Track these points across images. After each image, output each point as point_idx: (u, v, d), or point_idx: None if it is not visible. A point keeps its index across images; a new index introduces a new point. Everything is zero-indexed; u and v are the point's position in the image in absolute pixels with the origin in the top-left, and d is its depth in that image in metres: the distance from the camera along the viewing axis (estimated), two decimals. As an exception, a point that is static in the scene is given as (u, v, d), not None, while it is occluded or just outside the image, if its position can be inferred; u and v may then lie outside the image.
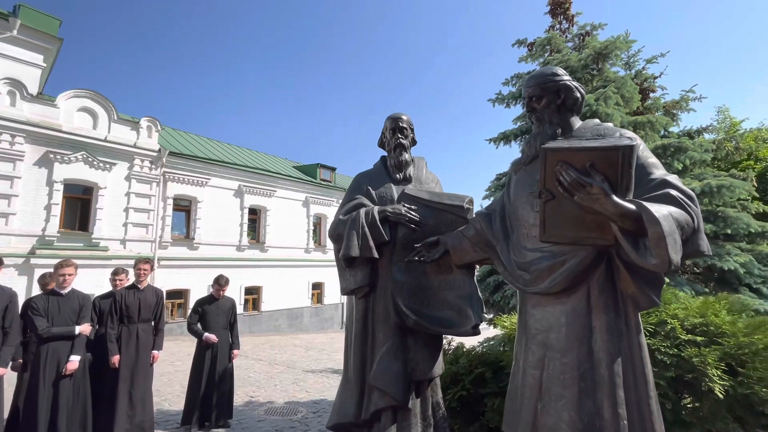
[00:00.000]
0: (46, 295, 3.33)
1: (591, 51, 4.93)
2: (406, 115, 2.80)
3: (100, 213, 11.70)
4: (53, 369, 3.16)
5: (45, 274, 3.63)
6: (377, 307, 2.52)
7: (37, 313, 3.18)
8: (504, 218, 2.10)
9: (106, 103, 12.12)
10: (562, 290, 1.70)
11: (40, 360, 3.13)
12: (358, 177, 2.83)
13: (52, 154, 10.90)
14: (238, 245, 15.44)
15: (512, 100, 5.77)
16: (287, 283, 16.97)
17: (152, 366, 3.92)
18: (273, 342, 12.12)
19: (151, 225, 12.82)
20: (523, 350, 1.86)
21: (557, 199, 1.62)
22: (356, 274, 2.53)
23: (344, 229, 2.50)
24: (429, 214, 2.53)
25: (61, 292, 3.36)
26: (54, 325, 3.23)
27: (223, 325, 4.33)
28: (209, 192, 14.75)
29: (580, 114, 1.99)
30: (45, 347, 3.17)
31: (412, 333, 2.44)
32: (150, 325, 3.92)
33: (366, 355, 2.53)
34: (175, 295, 13.39)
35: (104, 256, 11.29)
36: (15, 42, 10.55)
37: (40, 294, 3.41)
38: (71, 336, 3.26)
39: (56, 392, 3.15)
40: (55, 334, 3.18)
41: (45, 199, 10.75)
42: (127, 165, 12.48)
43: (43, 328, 3.14)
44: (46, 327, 3.16)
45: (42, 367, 3.12)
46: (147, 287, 4.02)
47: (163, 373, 7.11)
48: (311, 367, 8.16)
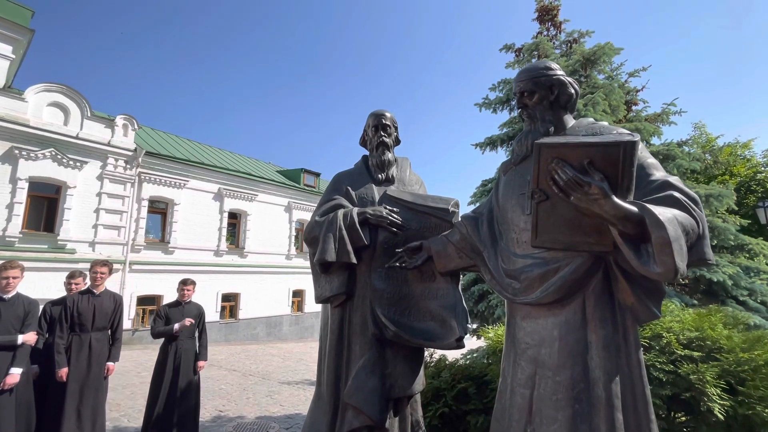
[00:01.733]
0: (-14, 301, 2.99)
1: (579, 57, 4.93)
2: (390, 112, 2.64)
3: (68, 213, 11.11)
4: (-11, 383, 2.82)
5: None
6: (354, 317, 2.32)
7: (-27, 319, 2.84)
8: (492, 222, 1.95)
9: (79, 99, 11.60)
10: (555, 301, 1.54)
11: (-26, 373, 2.78)
12: (338, 176, 2.64)
13: (17, 150, 10.32)
14: (216, 250, 14.94)
15: (499, 106, 5.72)
16: (266, 290, 16.49)
17: (106, 379, 3.58)
18: (249, 351, 11.67)
19: (124, 227, 12.26)
20: (512, 366, 1.69)
21: (551, 200, 1.47)
22: (332, 281, 2.33)
23: (320, 231, 2.31)
24: (412, 218, 2.37)
25: (3, 297, 3.03)
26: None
27: (189, 333, 4.02)
28: (187, 194, 14.26)
29: (574, 112, 1.87)
30: (-19, 358, 2.83)
31: (391, 345, 2.25)
32: (105, 334, 3.59)
33: (341, 370, 2.32)
34: (147, 301, 12.79)
35: (70, 259, 10.68)
36: (-19, 31, 10.01)
37: (-20, 299, 3.06)
38: (13, 346, 2.92)
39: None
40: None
41: (7, 197, 10.13)
42: (100, 164, 11.94)
43: (-21, 337, 2.80)
44: (-18, 336, 2.82)
45: (-24, 382, 2.77)
46: (103, 292, 3.69)
47: (126, 385, 6.67)
48: (287, 379, 7.82)
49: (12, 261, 3.20)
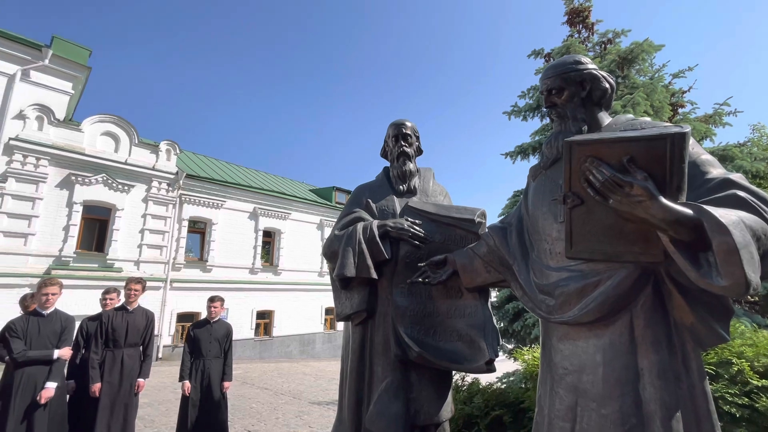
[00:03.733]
0: (27, 316, 3.14)
1: (614, 56, 4.64)
2: (411, 122, 2.55)
3: (116, 234, 11.83)
4: (27, 396, 2.92)
5: (26, 295, 3.45)
6: (376, 336, 2.20)
7: (14, 335, 2.98)
8: (522, 233, 1.78)
9: (128, 128, 12.51)
10: (597, 320, 1.35)
11: (13, 386, 2.90)
12: (358, 189, 2.57)
13: (74, 176, 11.20)
14: (252, 268, 15.31)
15: (529, 113, 5.50)
16: (300, 307, 16.63)
17: (137, 396, 3.63)
18: (282, 369, 11.67)
19: (166, 246, 12.86)
20: (548, 395, 1.49)
21: (586, 205, 1.30)
22: (352, 298, 2.23)
23: (339, 245, 2.22)
24: (435, 230, 2.23)
25: (42, 312, 3.16)
26: (32, 348, 3.01)
27: (216, 353, 4.01)
28: (224, 214, 14.82)
29: (609, 108, 1.69)
30: (20, 372, 2.94)
31: (415, 368, 2.09)
32: (137, 350, 3.66)
33: (362, 393, 2.18)
34: (186, 318, 13.22)
35: (117, 277, 11.29)
36: (46, 71, 11.10)
37: (21, 315, 3.22)
38: (49, 360, 3.03)
39: (29, 422, 2.89)
40: (31, 358, 2.96)
41: (64, 220, 10.96)
42: (145, 187, 12.70)
43: (18, 351, 2.92)
44: (22, 350, 2.94)
45: (14, 394, 2.87)
46: (137, 309, 3.79)
47: (162, 401, 6.79)
48: (318, 399, 7.69)
49: (52, 278, 3.35)
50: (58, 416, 3.08)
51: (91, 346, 3.45)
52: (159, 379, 8.33)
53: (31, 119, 10.65)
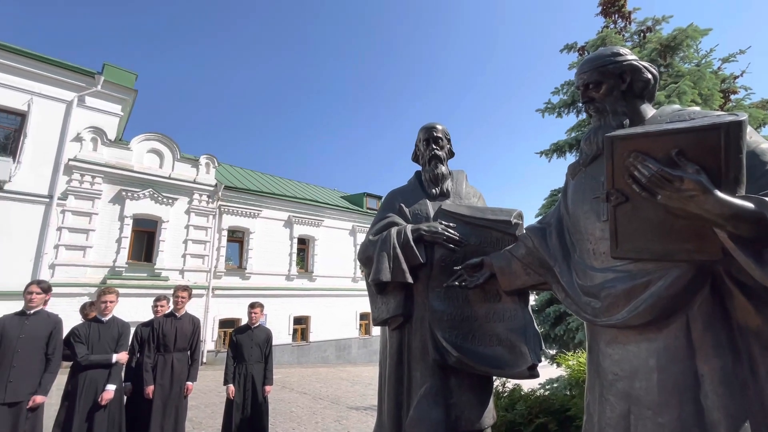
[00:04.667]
0: (89, 323, 3.40)
1: (656, 45, 4.36)
2: (441, 125, 2.54)
3: (162, 245, 12.55)
4: (90, 398, 3.15)
5: (85, 303, 3.73)
6: (413, 340, 2.19)
7: (78, 340, 3.23)
8: (562, 233, 1.72)
9: (170, 144, 13.28)
10: (648, 322, 1.27)
11: (77, 388, 3.13)
12: (391, 194, 2.58)
13: (124, 192, 12.01)
14: (288, 274, 15.71)
15: (564, 109, 5.30)
16: (335, 312, 16.86)
17: (186, 398, 3.81)
18: (320, 374, 11.85)
19: (207, 256, 13.48)
20: (598, 402, 1.42)
21: (632, 202, 1.24)
22: (388, 302, 2.23)
23: (374, 250, 2.24)
24: (470, 232, 2.20)
25: (102, 319, 3.41)
26: (93, 353, 3.25)
27: (257, 357, 4.15)
28: (261, 223, 15.34)
29: (653, 100, 1.61)
30: (83, 375, 3.18)
31: (455, 373, 2.06)
32: (186, 354, 3.86)
33: (402, 397, 2.17)
34: (228, 324, 13.75)
35: (164, 285, 11.94)
36: (98, 95, 12.03)
37: (83, 322, 3.49)
38: (108, 364, 3.25)
39: (91, 422, 3.11)
40: (93, 361, 3.20)
41: (116, 232, 11.76)
42: (187, 199, 13.40)
43: (82, 355, 3.17)
44: (84, 354, 3.18)
45: (79, 396, 3.11)
46: (184, 315, 4.00)
47: (208, 404, 7.08)
48: (356, 404, 7.73)
49: (109, 287, 3.61)
50: (117, 417, 3.30)
51: (145, 351, 3.68)
52: (204, 382, 8.70)
53: (87, 141, 11.56)
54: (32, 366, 2.99)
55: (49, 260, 10.58)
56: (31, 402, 2.95)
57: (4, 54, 10.63)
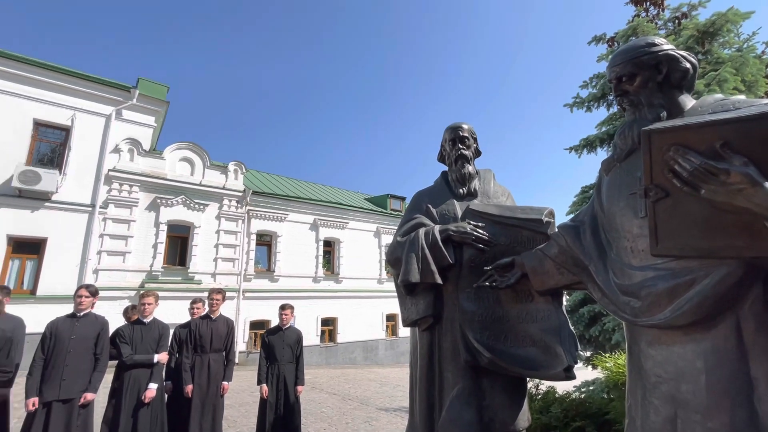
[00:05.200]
0: (132, 324, 3.58)
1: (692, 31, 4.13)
2: (467, 124, 2.52)
3: (195, 249, 13.03)
4: (134, 396, 3.32)
5: (127, 307, 3.94)
6: (444, 341, 2.18)
7: (123, 340, 3.42)
8: (596, 231, 1.68)
9: (201, 152, 13.78)
10: (694, 322, 1.22)
11: (122, 386, 3.31)
12: (417, 195, 2.58)
13: (159, 199, 12.57)
14: (314, 277, 15.96)
15: (594, 103, 5.11)
16: (361, 314, 16.97)
17: (222, 397, 3.95)
18: (348, 375, 11.95)
19: (237, 259, 13.89)
20: (641, 405, 1.37)
21: (672, 197, 1.19)
22: (418, 303, 2.24)
23: (402, 251, 2.25)
24: (500, 232, 2.17)
25: (144, 321, 3.59)
26: (137, 353, 3.42)
27: (289, 358, 4.24)
28: (287, 227, 15.66)
29: (692, 90, 1.54)
30: (128, 374, 3.36)
31: (487, 374, 2.04)
32: (221, 355, 4.00)
33: (433, 399, 2.17)
34: (258, 326, 14.10)
35: (197, 288, 12.40)
36: (134, 108, 12.66)
37: (126, 323, 3.68)
38: (150, 364, 3.42)
39: (135, 419, 3.28)
40: (136, 361, 3.37)
41: (153, 238, 12.31)
42: (217, 205, 13.86)
43: (127, 355, 3.34)
44: (129, 354, 3.36)
45: (124, 394, 3.29)
46: (219, 317, 4.14)
47: (241, 403, 7.29)
48: (385, 405, 7.75)
49: (149, 291, 3.80)
50: (159, 414, 3.47)
51: (183, 351, 3.84)
52: (237, 383, 8.95)
53: (124, 152, 12.18)
54: (83, 365, 3.19)
55: (93, 266, 11.20)
56: (83, 399, 3.15)
57: (50, 73, 11.37)
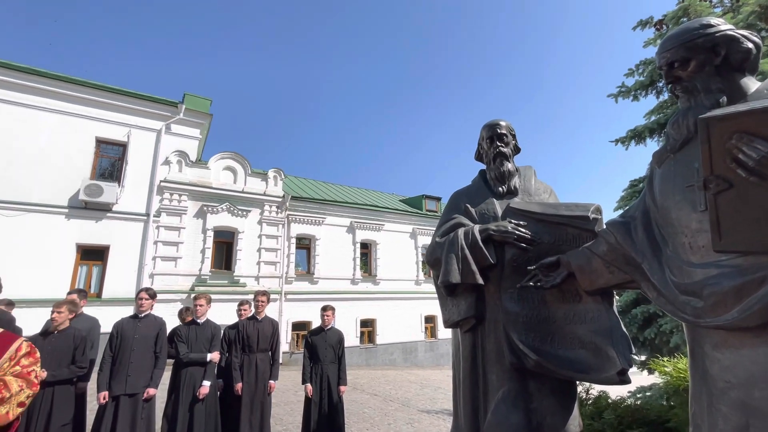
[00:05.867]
0: (187, 325, 3.83)
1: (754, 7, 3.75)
2: (505, 121, 2.47)
3: (239, 254, 13.65)
4: (190, 392, 3.54)
5: (182, 308, 4.21)
6: (487, 342, 2.14)
7: (180, 339, 3.66)
8: (649, 226, 1.59)
9: (242, 161, 14.43)
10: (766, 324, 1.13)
11: (180, 383, 3.54)
12: (455, 195, 2.56)
13: (205, 207, 13.29)
14: (352, 278, 16.19)
15: (641, 91, 4.78)
16: (400, 315, 16.99)
17: (269, 395, 4.10)
18: (388, 376, 12.00)
19: (279, 262, 14.38)
20: (707, 412, 1.28)
21: (737, 189, 1.12)
22: (459, 304, 2.21)
23: (442, 252, 2.23)
24: (543, 230, 2.11)
25: (198, 321, 3.82)
26: (192, 352, 3.65)
27: (331, 358, 4.33)
28: (325, 230, 16.01)
29: (756, 71, 1.42)
30: (184, 371, 3.59)
31: (534, 377, 1.98)
32: (267, 354, 4.17)
33: (478, 401, 2.14)
34: (300, 327, 14.51)
35: (242, 291, 12.96)
36: (181, 122, 13.49)
37: (182, 324, 3.94)
38: (204, 362, 3.63)
39: (192, 414, 3.49)
40: (192, 359, 3.59)
41: (200, 244, 13.03)
42: (259, 211, 14.44)
43: (183, 353, 3.57)
44: (185, 352, 3.59)
45: (181, 389, 3.51)
46: (264, 318, 4.32)
47: (286, 402, 7.53)
48: (426, 407, 7.71)
49: (204, 294, 4.04)
50: (213, 410, 3.67)
51: (232, 351, 4.04)
52: (282, 382, 9.24)
53: (174, 163, 13.01)
54: (145, 362, 3.45)
55: (149, 270, 12.04)
56: (146, 394, 3.40)
57: (108, 94, 12.39)
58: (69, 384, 3.19)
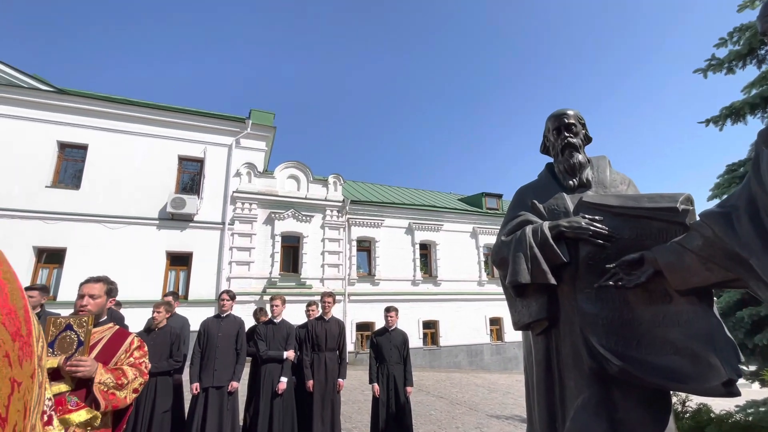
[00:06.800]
0: (265, 324, 4.12)
1: None
2: (573, 110, 2.32)
3: (305, 257, 14.35)
4: (269, 387, 3.79)
5: (256, 309, 4.52)
6: (563, 346, 2.02)
7: (260, 337, 3.95)
8: (756, 216, 1.39)
9: (304, 169, 15.18)
10: None
11: (259, 379, 3.81)
12: (520, 191, 2.45)
13: (273, 214, 14.18)
14: (413, 280, 16.19)
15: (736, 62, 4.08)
16: (463, 317, 16.63)
17: (339, 393, 4.25)
18: (453, 379, 11.80)
19: (341, 265, 14.86)
20: None
21: None
22: (530, 305, 2.11)
23: (508, 252, 2.15)
24: (623, 225, 1.94)
25: (274, 320, 4.09)
26: (270, 349, 3.91)
27: (396, 359, 4.37)
28: (384, 232, 16.23)
29: None
30: (263, 368, 3.86)
31: (618, 384, 1.82)
32: (335, 353, 4.32)
33: (554, 407, 2.02)
34: (363, 327, 14.84)
35: (308, 292, 13.59)
36: (248, 136, 14.57)
37: (260, 323, 4.24)
38: (281, 359, 3.87)
39: (271, 409, 3.74)
40: (270, 356, 3.86)
41: (270, 249, 13.92)
42: (321, 216, 15.07)
43: (263, 350, 3.85)
44: (265, 350, 3.86)
45: (262, 385, 3.78)
46: (331, 318, 4.49)
47: (354, 401, 7.74)
48: (495, 412, 7.44)
49: (276, 295, 4.32)
50: (290, 404, 3.91)
51: (303, 350, 4.26)
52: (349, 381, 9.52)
53: (244, 175, 14.08)
54: (228, 358, 3.78)
55: (226, 274, 13.12)
56: (230, 387, 3.72)
57: (187, 116, 13.79)
58: (168, 375, 3.61)
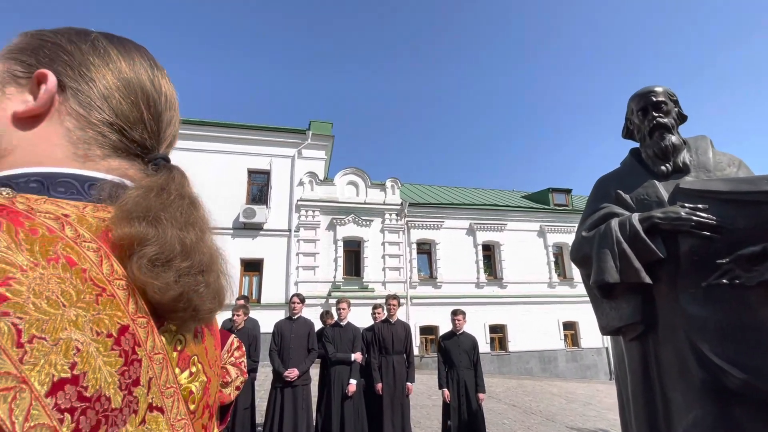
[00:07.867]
0: (332, 327, 4.22)
1: None
2: (661, 87, 2.05)
3: (366, 261, 14.59)
4: (339, 389, 3.87)
5: (323, 312, 4.64)
6: (663, 353, 1.77)
7: (328, 340, 4.05)
8: None
9: (362, 174, 15.49)
10: None
11: (329, 381, 3.90)
12: (601, 180, 2.22)
13: (334, 220, 14.64)
14: (477, 282, 15.68)
15: None
16: (532, 321, 15.70)
17: (408, 397, 4.19)
18: (525, 387, 11.16)
19: (402, 268, 14.87)
20: None
21: None
22: (620, 308, 1.89)
23: (591, 248, 1.95)
24: (736, 213, 1.66)
25: (341, 323, 4.18)
26: (338, 352, 3.99)
27: (466, 364, 4.21)
28: (444, 234, 15.95)
29: None
30: (333, 369, 3.94)
31: (740, 400, 1.55)
32: (403, 357, 4.28)
33: (657, 423, 1.78)
34: (427, 331, 14.67)
35: (371, 295, 13.77)
36: (309, 146, 15.25)
37: (327, 325, 4.35)
38: (349, 362, 3.93)
39: (342, 410, 3.80)
40: (338, 358, 3.93)
41: (333, 253, 14.37)
42: (380, 220, 15.24)
43: (331, 352, 3.94)
44: (333, 352, 3.95)
45: (332, 386, 3.86)
46: (397, 321, 4.46)
47: (422, 405, 7.63)
48: (576, 424, 6.88)
49: (342, 298, 4.41)
50: (359, 406, 3.95)
51: (371, 352, 4.28)
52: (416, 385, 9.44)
53: (306, 184, 14.74)
54: (300, 357, 3.94)
55: (294, 279, 13.80)
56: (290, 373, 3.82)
57: (253, 131, 14.83)
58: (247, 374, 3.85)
